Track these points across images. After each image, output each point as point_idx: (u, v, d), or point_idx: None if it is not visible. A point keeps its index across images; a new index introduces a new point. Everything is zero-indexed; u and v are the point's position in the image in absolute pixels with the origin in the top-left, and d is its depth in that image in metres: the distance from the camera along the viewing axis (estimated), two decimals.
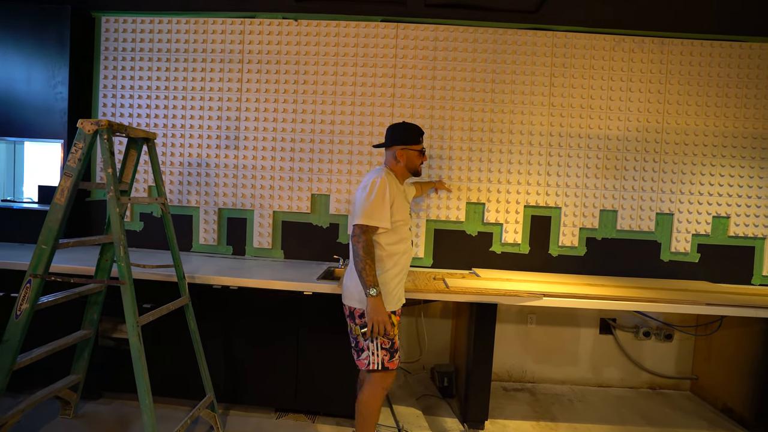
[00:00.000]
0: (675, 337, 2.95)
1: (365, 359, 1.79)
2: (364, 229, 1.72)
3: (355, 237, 1.73)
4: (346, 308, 1.87)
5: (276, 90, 2.87)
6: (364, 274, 1.68)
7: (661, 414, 2.65)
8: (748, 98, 2.83)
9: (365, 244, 1.70)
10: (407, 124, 1.94)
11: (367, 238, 1.71)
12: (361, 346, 1.80)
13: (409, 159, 1.89)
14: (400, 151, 1.88)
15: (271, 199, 2.90)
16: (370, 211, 1.71)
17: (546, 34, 2.81)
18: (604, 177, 2.85)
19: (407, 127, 1.93)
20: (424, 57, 2.83)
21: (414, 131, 1.92)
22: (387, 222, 1.74)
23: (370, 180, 1.77)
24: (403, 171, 1.91)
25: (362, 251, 1.69)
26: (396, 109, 2.84)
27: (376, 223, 1.72)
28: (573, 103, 2.83)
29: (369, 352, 1.77)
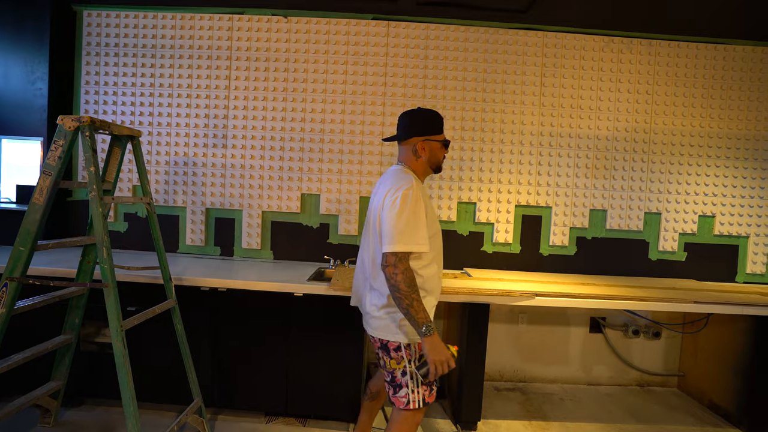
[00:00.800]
0: (663, 335, 2.99)
1: (404, 397, 1.50)
2: (400, 257, 1.40)
3: (390, 268, 1.41)
4: (376, 340, 1.57)
5: (265, 88, 2.82)
6: (412, 311, 1.39)
7: (650, 411, 2.68)
8: (732, 100, 2.88)
9: (405, 276, 1.40)
10: (427, 110, 1.64)
11: (406, 268, 1.41)
12: (398, 382, 1.51)
13: (432, 152, 1.61)
14: (422, 143, 1.59)
15: (260, 198, 2.85)
16: (408, 234, 1.41)
17: (537, 34, 2.82)
18: (594, 177, 2.87)
19: (428, 114, 1.63)
20: (416, 56, 2.81)
21: (436, 118, 1.63)
22: (426, 243, 1.44)
23: (398, 192, 1.45)
24: (425, 168, 1.64)
25: (404, 285, 1.39)
26: (387, 108, 2.81)
27: (414, 248, 1.42)
28: (563, 103, 2.84)
29: (408, 390, 1.49)
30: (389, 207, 1.46)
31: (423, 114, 1.64)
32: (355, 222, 2.83)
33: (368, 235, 1.65)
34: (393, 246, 1.41)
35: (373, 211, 1.60)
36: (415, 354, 1.52)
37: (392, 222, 1.43)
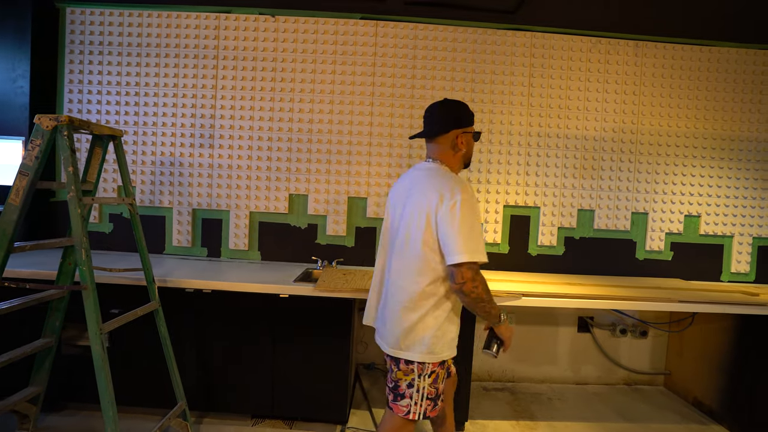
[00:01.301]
0: (649, 334, 3.01)
1: (405, 407, 1.45)
2: (476, 269, 1.33)
3: (469, 283, 1.31)
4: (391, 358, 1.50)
5: (252, 87, 2.80)
6: (491, 311, 1.39)
7: (636, 409, 2.70)
8: (717, 101, 2.91)
9: (484, 284, 1.34)
10: (457, 101, 1.53)
11: (482, 277, 1.34)
12: (401, 392, 1.46)
13: (469, 145, 1.50)
14: (461, 135, 1.47)
15: (247, 199, 2.82)
16: (477, 242, 1.32)
17: (525, 34, 2.82)
18: (582, 177, 2.88)
19: (462, 105, 1.51)
20: (404, 55, 2.80)
21: (468, 108, 1.52)
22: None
23: (456, 197, 1.33)
24: (460, 163, 1.53)
25: (484, 293, 1.34)
26: (375, 107, 2.80)
27: (483, 257, 1.34)
28: (551, 104, 2.85)
29: (411, 401, 1.44)
30: (450, 214, 1.32)
31: (457, 104, 1.52)
32: (344, 222, 2.82)
33: (393, 245, 1.51)
34: (467, 256, 1.30)
35: (407, 217, 1.44)
36: (428, 370, 1.45)
37: (459, 230, 1.31)
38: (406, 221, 1.45)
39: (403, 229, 1.46)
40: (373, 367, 2.90)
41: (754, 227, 2.96)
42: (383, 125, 2.80)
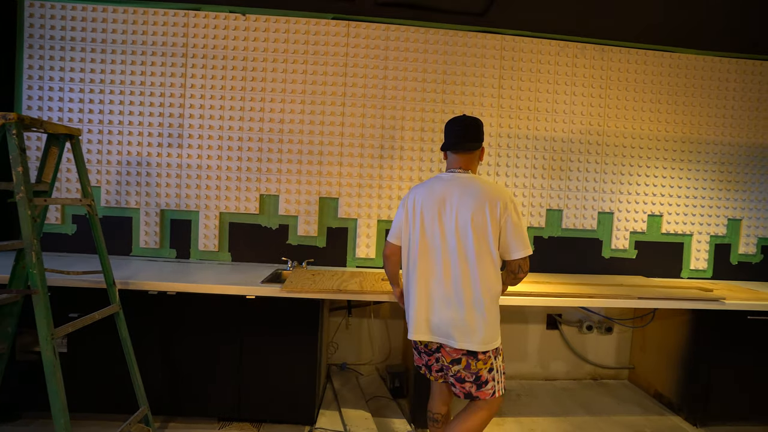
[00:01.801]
0: (615, 330, 3.11)
1: (490, 389, 1.62)
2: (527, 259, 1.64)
3: (525, 270, 1.65)
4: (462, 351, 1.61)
5: (222, 86, 2.76)
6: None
7: (601, 403, 2.78)
8: (678, 105, 3.02)
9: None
10: (475, 117, 1.73)
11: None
12: (484, 379, 1.62)
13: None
14: (483, 149, 1.73)
15: (217, 199, 2.78)
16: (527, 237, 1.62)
17: (495, 37, 2.87)
18: (551, 177, 2.95)
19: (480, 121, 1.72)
20: (376, 56, 2.81)
21: None
22: None
23: (511, 202, 1.57)
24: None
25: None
26: (347, 108, 2.80)
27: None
28: (521, 105, 2.91)
29: (494, 382, 1.63)
30: (515, 217, 1.56)
31: (480, 122, 1.71)
32: (315, 223, 2.81)
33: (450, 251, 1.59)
34: (527, 250, 1.59)
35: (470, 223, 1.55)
36: (499, 351, 1.68)
37: (521, 229, 1.57)
38: (470, 227, 1.56)
39: (468, 235, 1.56)
40: (345, 368, 2.90)
41: (712, 226, 3.08)
42: (355, 125, 2.81)
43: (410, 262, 1.67)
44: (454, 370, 1.63)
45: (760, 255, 3.17)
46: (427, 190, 1.66)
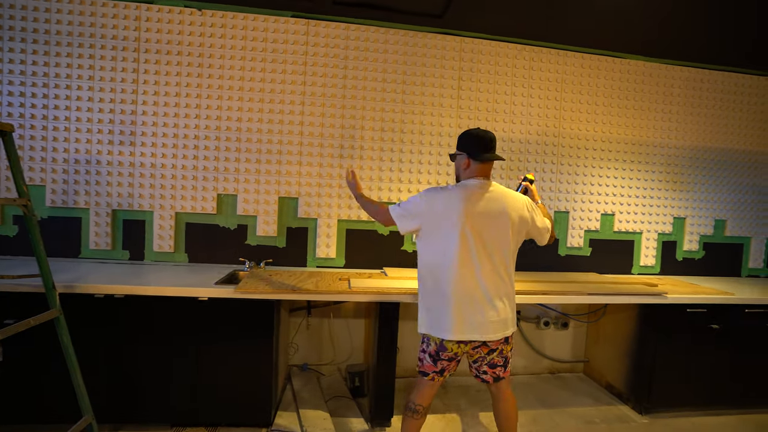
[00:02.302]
0: (570, 325, 3.22)
1: (510, 367, 1.89)
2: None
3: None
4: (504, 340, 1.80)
5: (177, 83, 2.68)
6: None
7: (556, 396, 2.87)
8: (628, 109, 3.16)
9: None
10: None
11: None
12: (509, 360, 1.86)
13: None
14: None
15: (172, 199, 2.71)
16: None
17: (454, 39, 2.91)
18: (508, 177, 3.02)
19: None
20: (336, 56, 2.80)
21: None
22: None
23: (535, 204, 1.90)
24: None
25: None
26: (306, 107, 2.78)
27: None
28: (479, 107, 2.96)
29: (510, 361, 1.88)
30: (538, 214, 1.85)
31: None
32: (274, 223, 2.78)
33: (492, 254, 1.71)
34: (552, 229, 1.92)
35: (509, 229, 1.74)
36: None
37: (544, 220, 1.87)
38: (510, 232, 1.74)
39: (508, 240, 1.74)
40: (306, 368, 2.88)
41: (659, 224, 3.24)
42: (314, 125, 2.79)
43: (447, 268, 1.70)
44: (490, 358, 1.81)
45: (702, 251, 3.35)
46: (466, 197, 1.70)
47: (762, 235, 3.44)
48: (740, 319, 2.62)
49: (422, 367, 1.84)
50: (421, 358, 1.85)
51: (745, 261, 3.44)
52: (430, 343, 1.79)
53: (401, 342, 2.98)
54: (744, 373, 2.69)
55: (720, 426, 2.58)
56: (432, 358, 1.79)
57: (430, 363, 1.80)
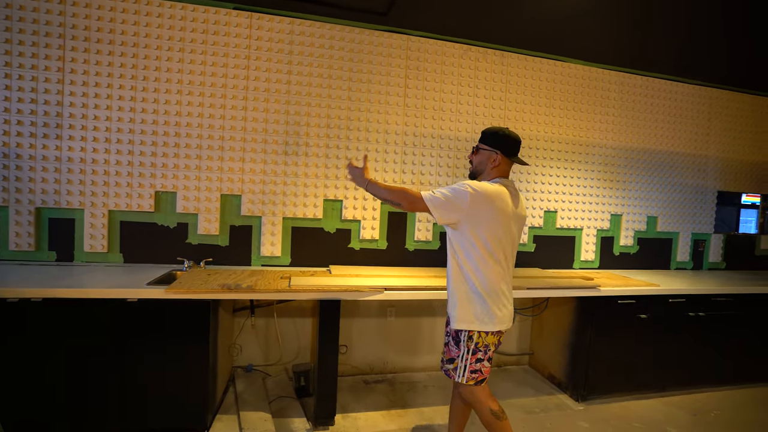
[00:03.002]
0: (516, 319, 3.31)
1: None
2: None
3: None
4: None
5: (110, 74, 2.54)
6: None
7: (502, 388, 2.95)
8: (569, 110, 3.29)
9: None
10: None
11: None
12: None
13: None
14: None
15: (105, 197, 2.56)
16: None
17: (401, 37, 2.93)
18: (455, 175, 3.07)
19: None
20: (280, 50, 2.74)
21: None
22: None
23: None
24: None
25: None
26: (249, 102, 2.71)
27: None
28: (426, 105, 3.00)
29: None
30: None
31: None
32: (216, 221, 2.69)
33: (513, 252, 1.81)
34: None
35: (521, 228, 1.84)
36: None
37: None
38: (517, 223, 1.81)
39: (517, 242, 1.84)
40: (250, 369, 2.81)
41: (598, 221, 3.41)
42: (258, 121, 2.72)
43: (493, 262, 1.72)
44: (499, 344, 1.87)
45: (636, 246, 3.56)
46: (505, 196, 1.72)
47: (688, 231, 3.70)
48: (665, 309, 2.80)
49: (480, 376, 1.78)
50: (475, 370, 1.76)
51: (674, 255, 3.68)
52: (489, 346, 1.77)
53: (350, 340, 2.98)
54: (667, 359, 2.88)
55: (647, 408, 2.74)
56: (490, 360, 1.80)
57: (489, 366, 1.80)
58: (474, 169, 1.86)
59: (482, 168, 1.82)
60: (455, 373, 1.78)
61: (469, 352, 1.74)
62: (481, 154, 1.82)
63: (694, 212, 3.71)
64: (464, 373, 1.75)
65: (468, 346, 1.74)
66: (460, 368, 1.76)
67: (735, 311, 2.98)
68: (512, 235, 1.77)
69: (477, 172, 1.85)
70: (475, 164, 1.85)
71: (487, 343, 1.75)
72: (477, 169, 1.84)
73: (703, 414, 2.72)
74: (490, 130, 1.83)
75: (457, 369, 1.76)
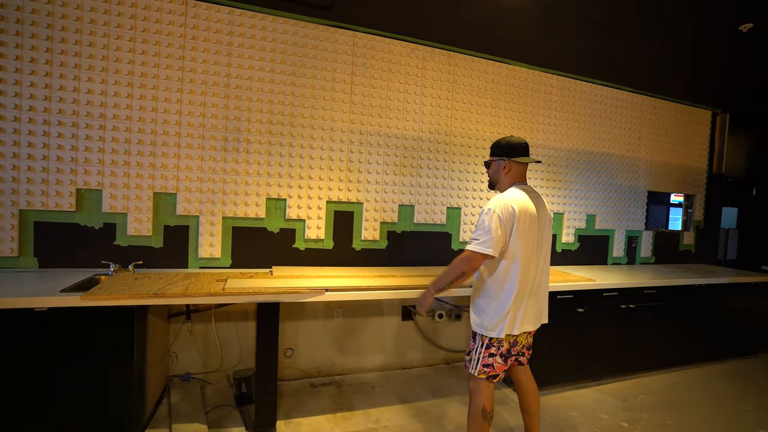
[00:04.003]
0: (464, 317, 3.37)
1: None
2: None
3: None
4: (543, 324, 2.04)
5: (18, 57, 2.29)
6: None
7: (448, 385, 2.98)
8: (514, 111, 3.39)
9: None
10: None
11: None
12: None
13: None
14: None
15: (15, 194, 2.31)
16: None
17: (347, 33, 2.87)
18: (402, 174, 3.07)
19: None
20: (219, 41, 2.60)
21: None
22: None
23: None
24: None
25: None
26: (185, 95, 2.55)
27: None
28: (373, 103, 2.96)
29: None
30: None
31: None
32: (149, 221, 2.51)
33: (539, 257, 1.90)
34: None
35: (548, 232, 1.95)
36: None
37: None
38: (547, 235, 1.95)
39: (547, 243, 1.95)
40: (188, 378, 2.65)
41: None
42: (195, 114, 2.57)
43: (519, 268, 1.80)
44: (528, 342, 2.01)
45: (577, 243, 3.73)
46: (528, 202, 1.83)
47: (623, 228, 3.93)
48: (600, 303, 2.94)
49: (492, 371, 1.87)
50: (487, 364, 1.87)
51: (610, 250, 3.90)
52: (503, 343, 1.86)
53: (296, 342, 2.89)
54: (602, 350, 3.03)
55: (583, 397, 2.87)
56: (504, 357, 1.88)
57: (502, 363, 1.88)
58: (491, 181, 2.00)
59: (497, 177, 1.96)
60: (470, 364, 1.91)
61: (483, 346, 1.87)
62: (492, 165, 1.97)
63: (628, 211, 3.95)
64: (477, 366, 1.88)
65: (482, 340, 1.88)
66: (474, 360, 1.89)
67: (660, 302, 3.20)
68: (539, 237, 1.87)
69: (493, 181, 1.99)
70: (491, 176, 1.99)
71: (501, 339, 1.86)
72: (492, 179, 1.99)
73: (631, 399, 2.89)
74: (494, 142, 1.97)
75: (471, 361, 1.90)
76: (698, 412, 2.76)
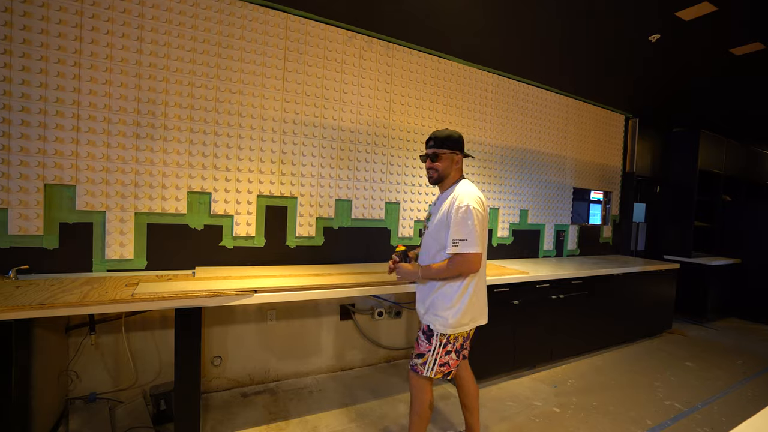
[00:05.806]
0: (403, 314, 3.32)
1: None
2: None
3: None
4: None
5: None
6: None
7: (389, 384, 2.91)
8: (451, 107, 3.40)
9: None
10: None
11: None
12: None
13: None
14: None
15: None
16: None
17: (279, 14, 2.68)
18: (339, 167, 2.93)
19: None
20: (128, 10, 2.28)
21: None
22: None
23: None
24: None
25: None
26: (85, 70, 2.19)
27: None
28: (308, 92, 2.80)
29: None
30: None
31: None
32: (39, 218, 2.13)
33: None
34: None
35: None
36: None
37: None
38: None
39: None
40: (93, 399, 2.30)
41: None
42: (98, 94, 2.22)
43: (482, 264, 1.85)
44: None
45: (511, 237, 3.86)
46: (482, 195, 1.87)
47: (552, 222, 4.14)
48: (533, 294, 3.05)
49: (447, 369, 1.87)
50: (444, 363, 1.85)
51: (541, 244, 4.09)
52: (458, 338, 1.85)
53: (225, 349, 2.65)
54: (536, 339, 3.15)
55: (519, 386, 2.96)
56: (458, 353, 1.87)
57: (456, 359, 1.87)
58: (440, 175, 1.91)
59: (448, 172, 1.91)
60: (424, 367, 1.85)
61: (441, 345, 1.84)
62: (444, 159, 1.89)
63: (556, 206, 4.17)
64: (433, 367, 1.84)
65: (441, 340, 1.83)
66: (429, 362, 1.84)
67: (586, 291, 3.40)
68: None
69: (443, 176, 1.91)
70: (442, 170, 1.90)
71: (457, 335, 1.85)
72: (444, 173, 1.91)
73: (561, 384, 3.03)
74: (440, 134, 1.89)
75: (426, 363, 1.84)
76: (618, 391, 2.97)
